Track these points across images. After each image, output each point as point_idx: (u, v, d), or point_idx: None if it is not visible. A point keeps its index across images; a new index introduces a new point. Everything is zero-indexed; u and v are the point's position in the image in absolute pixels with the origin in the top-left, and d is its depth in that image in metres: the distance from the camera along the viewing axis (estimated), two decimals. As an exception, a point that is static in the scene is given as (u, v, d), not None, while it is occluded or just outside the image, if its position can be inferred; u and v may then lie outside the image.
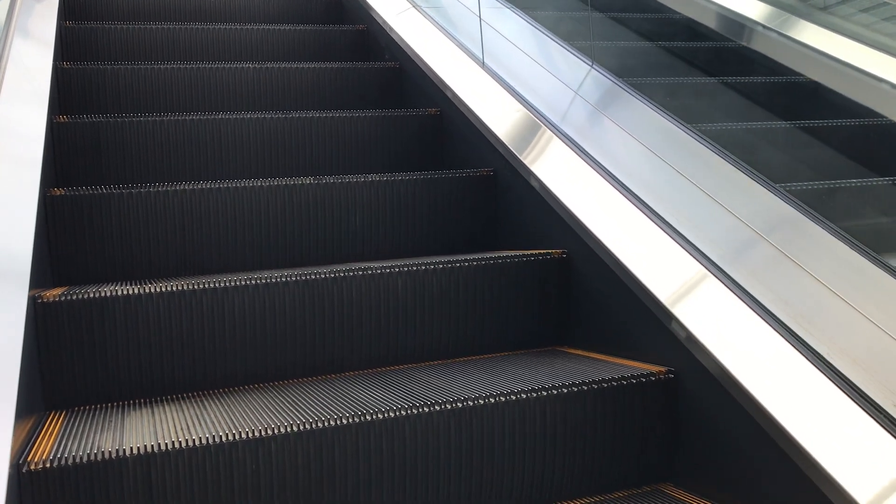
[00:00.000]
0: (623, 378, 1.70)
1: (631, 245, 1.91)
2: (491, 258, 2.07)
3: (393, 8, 3.40)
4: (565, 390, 1.66)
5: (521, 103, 2.54)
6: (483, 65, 2.77)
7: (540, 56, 2.90)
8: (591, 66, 2.55)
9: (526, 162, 2.30)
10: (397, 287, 1.97)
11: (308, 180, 2.28)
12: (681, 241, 1.84)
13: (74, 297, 1.73)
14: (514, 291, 2.08)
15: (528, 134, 2.42)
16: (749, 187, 1.98)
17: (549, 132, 2.37)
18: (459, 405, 1.59)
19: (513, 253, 2.11)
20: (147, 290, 1.78)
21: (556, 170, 2.23)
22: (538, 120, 2.43)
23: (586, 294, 2.05)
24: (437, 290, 2.01)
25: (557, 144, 2.32)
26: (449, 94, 2.75)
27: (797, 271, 1.71)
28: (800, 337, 1.55)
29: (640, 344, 1.83)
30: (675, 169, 2.11)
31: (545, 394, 1.65)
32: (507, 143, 2.39)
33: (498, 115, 2.54)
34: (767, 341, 1.57)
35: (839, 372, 1.47)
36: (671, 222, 1.90)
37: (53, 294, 1.73)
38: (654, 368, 1.74)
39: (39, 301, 1.70)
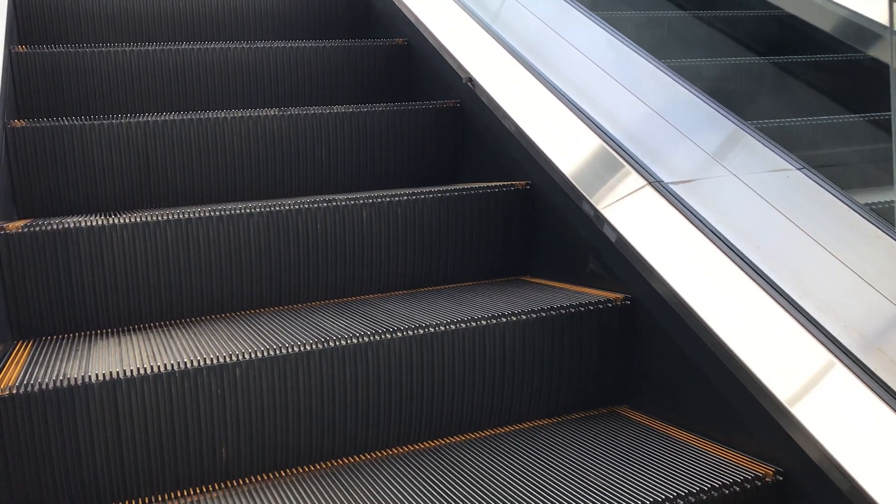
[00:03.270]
0: (581, 304, 1.75)
1: (591, 175, 1.93)
2: (455, 190, 2.09)
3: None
4: (524, 317, 1.70)
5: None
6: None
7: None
8: None
9: (491, 93, 2.30)
10: (362, 218, 1.99)
11: (273, 112, 2.27)
12: (641, 170, 1.86)
13: (38, 229, 1.74)
14: (478, 222, 2.11)
15: (495, 61, 2.41)
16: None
17: (510, 57, 2.38)
18: (421, 332, 1.64)
19: (477, 185, 2.13)
20: (111, 222, 1.79)
21: (520, 100, 2.23)
22: (503, 48, 2.43)
23: (549, 224, 2.08)
24: (402, 222, 2.03)
25: (521, 73, 2.32)
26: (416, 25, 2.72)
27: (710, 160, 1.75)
28: (749, 260, 1.59)
29: (599, 272, 1.88)
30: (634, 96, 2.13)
31: (504, 320, 1.69)
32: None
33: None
34: (720, 265, 1.62)
35: (787, 295, 1.52)
36: (636, 154, 1.92)
37: (16, 226, 1.73)
38: (612, 295, 1.79)
39: (2, 232, 1.71)
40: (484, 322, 1.68)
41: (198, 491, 1.49)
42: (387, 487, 1.45)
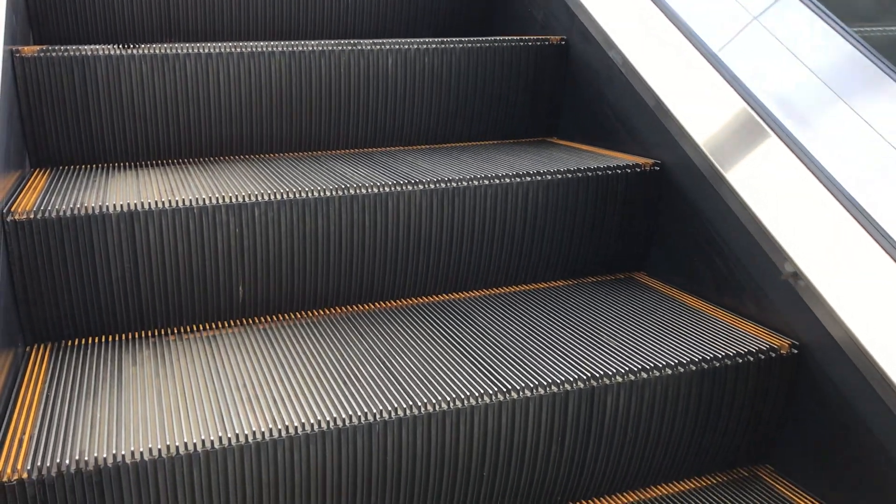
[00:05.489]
0: (608, 167, 1.70)
1: (631, 31, 1.84)
2: (486, 41, 2.00)
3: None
4: (549, 177, 1.66)
5: None
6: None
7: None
8: None
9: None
10: (387, 66, 1.91)
11: (298, -53, 2.15)
12: (688, 35, 1.77)
13: (54, 55, 1.68)
14: (508, 77, 2.03)
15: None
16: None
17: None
18: (443, 185, 1.60)
19: (510, 37, 2.04)
20: (129, 52, 1.73)
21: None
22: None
23: (581, 83, 2.00)
24: (428, 72, 1.96)
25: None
26: None
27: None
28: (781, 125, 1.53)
29: (631, 137, 1.82)
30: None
31: (528, 179, 1.65)
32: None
33: None
34: (760, 133, 1.56)
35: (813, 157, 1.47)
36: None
37: (32, 50, 1.68)
38: (641, 160, 1.74)
39: (18, 55, 1.65)
40: (507, 180, 1.64)
41: (214, 326, 1.51)
42: (399, 334, 1.46)
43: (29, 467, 1.04)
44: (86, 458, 1.06)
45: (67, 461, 1.06)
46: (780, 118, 1.53)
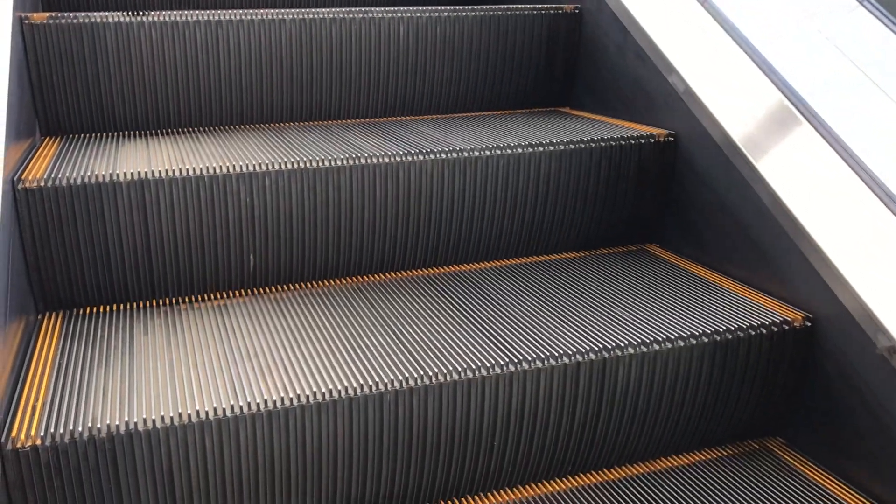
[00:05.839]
0: (621, 138, 1.68)
1: (652, 5, 1.81)
2: (499, 9, 1.97)
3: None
4: (562, 146, 1.65)
5: None
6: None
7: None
8: None
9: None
10: (398, 34, 1.89)
11: (309, -88, 2.12)
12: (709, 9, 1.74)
13: (63, 21, 1.67)
14: (521, 46, 2.00)
15: None
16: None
17: None
18: (455, 155, 1.59)
19: (522, 5, 2.01)
20: (139, 19, 1.71)
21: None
22: None
23: (595, 53, 1.97)
24: (440, 41, 1.93)
25: None
26: None
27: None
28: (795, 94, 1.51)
29: (644, 106, 1.80)
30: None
31: (541, 149, 1.64)
32: None
33: None
34: (774, 100, 1.54)
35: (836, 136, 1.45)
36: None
37: (41, 17, 1.67)
38: (655, 130, 1.72)
39: (27, 22, 1.64)
40: (520, 150, 1.63)
41: (225, 295, 1.51)
42: (411, 304, 1.46)
43: (42, 434, 1.05)
44: (98, 425, 1.07)
45: (80, 428, 1.06)
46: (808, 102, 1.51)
